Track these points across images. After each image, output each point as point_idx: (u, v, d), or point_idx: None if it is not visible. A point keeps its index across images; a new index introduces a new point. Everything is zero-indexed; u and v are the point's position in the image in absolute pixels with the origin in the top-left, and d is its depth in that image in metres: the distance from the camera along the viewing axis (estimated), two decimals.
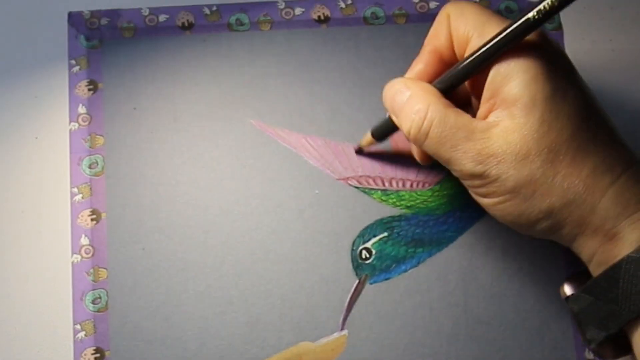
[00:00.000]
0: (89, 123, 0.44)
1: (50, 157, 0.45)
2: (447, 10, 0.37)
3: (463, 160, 0.32)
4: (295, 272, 0.43)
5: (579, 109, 0.32)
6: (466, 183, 0.35)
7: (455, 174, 0.35)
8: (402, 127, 0.36)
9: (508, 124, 0.32)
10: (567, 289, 0.38)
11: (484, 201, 0.34)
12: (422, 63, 0.38)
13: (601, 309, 0.33)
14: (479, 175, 0.32)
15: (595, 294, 0.33)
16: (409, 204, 0.44)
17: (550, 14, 0.31)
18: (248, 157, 0.44)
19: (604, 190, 0.32)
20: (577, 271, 0.38)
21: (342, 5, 0.46)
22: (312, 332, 0.42)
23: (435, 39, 0.38)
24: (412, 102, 0.35)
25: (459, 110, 0.34)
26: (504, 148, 0.31)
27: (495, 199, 0.33)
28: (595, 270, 0.34)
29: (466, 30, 0.35)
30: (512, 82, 0.32)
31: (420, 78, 0.37)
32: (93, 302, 0.42)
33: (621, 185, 0.33)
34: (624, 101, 0.48)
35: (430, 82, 0.37)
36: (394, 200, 0.44)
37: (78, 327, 0.42)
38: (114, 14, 0.46)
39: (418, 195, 0.44)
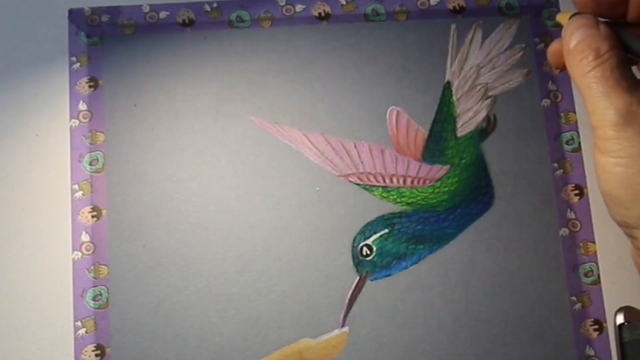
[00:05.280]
0: (90, 120, 0.44)
1: (50, 154, 0.45)
2: None
3: (608, 107, 0.31)
4: (296, 269, 0.43)
5: None
6: (595, 131, 0.32)
7: (588, 113, 0.33)
8: (576, 42, 0.34)
9: None
10: (619, 318, 0.39)
11: (600, 158, 0.32)
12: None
13: None
14: (614, 125, 0.31)
15: None
16: (409, 201, 0.44)
17: None
18: (249, 154, 0.44)
19: None
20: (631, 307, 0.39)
21: (343, 2, 0.46)
22: (312, 329, 0.42)
23: None
24: (602, 36, 0.33)
25: (630, 70, 0.33)
26: None
27: (614, 159, 0.31)
28: None
29: None
30: None
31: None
32: (94, 299, 0.42)
33: None
34: None
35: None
36: (395, 196, 0.44)
37: (79, 324, 0.42)
38: (114, 10, 0.46)
39: (419, 192, 0.44)
